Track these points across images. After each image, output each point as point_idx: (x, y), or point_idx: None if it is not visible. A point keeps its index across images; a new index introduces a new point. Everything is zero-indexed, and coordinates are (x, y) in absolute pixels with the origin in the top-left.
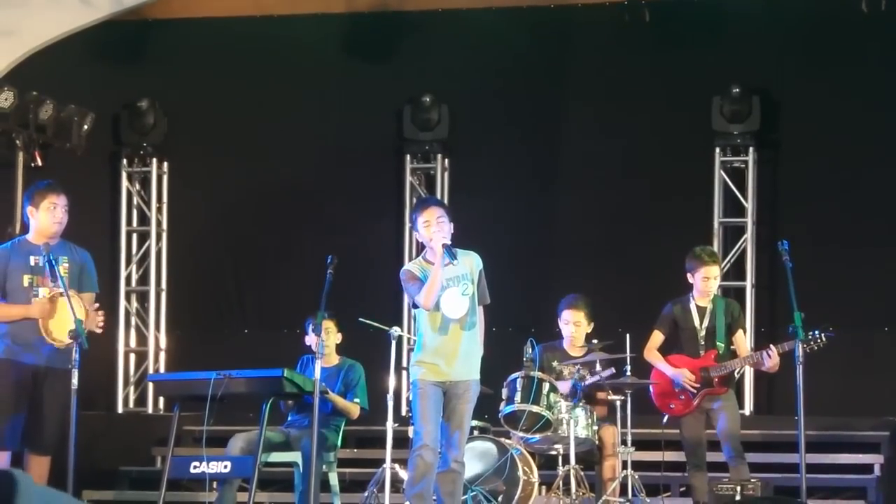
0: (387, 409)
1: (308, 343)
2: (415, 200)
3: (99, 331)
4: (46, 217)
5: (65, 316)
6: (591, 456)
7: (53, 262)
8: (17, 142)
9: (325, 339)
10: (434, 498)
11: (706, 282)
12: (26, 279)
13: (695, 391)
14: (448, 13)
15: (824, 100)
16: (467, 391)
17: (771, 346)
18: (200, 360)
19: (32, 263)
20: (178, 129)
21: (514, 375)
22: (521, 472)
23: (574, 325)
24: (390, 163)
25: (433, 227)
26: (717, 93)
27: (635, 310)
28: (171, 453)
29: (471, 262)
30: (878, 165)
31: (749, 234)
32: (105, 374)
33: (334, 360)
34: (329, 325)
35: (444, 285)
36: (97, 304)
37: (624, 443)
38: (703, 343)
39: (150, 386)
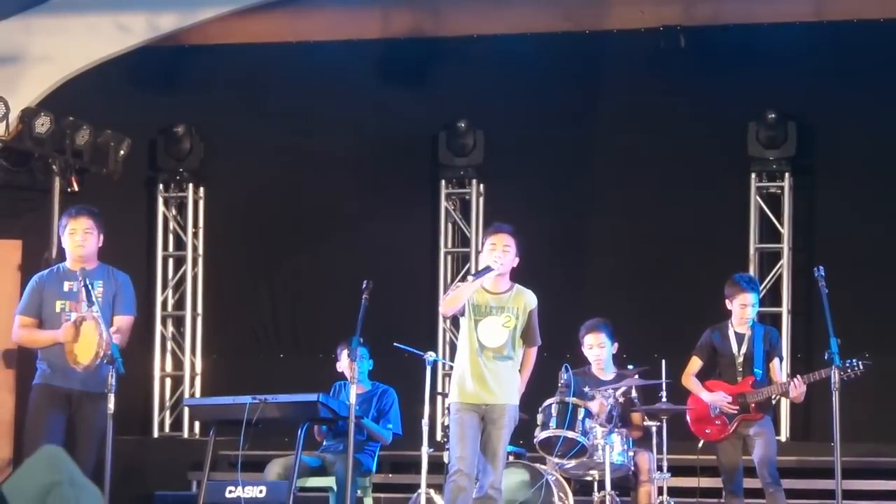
0: (422, 433)
1: (340, 369)
2: (450, 226)
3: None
4: (68, 243)
5: (89, 339)
6: (626, 482)
7: (90, 287)
8: (54, 167)
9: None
10: None
11: (743, 309)
12: (58, 305)
13: (734, 413)
14: (483, 39)
15: (861, 125)
16: (503, 416)
17: (798, 375)
18: (236, 385)
19: (66, 289)
20: (214, 155)
21: (549, 401)
22: (556, 498)
23: (598, 347)
24: (425, 188)
25: (496, 252)
26: (752, 118)
27: (671, 336)
28: (207, 478)
29: (522, 299)
30: None
31: (785, 260)
32: (141, 399)
33: (366, 385)
34: (360, 352)
35: (487, 312)
36: (115, 328)
37: (660, 469)
38: (740, 370)
39: (186, 410)
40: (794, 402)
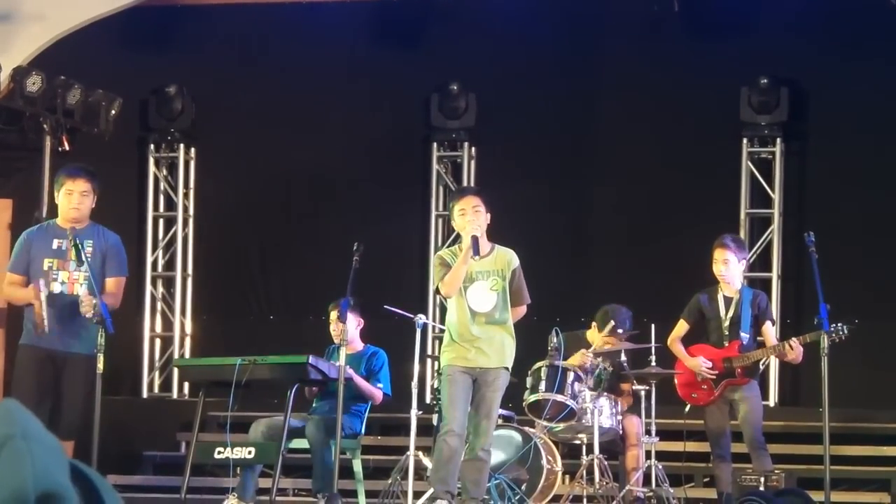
0: (411, 396)
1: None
2: (441, 189)
3: (88, 315)
4: (63, 202)
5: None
6: (614, 445)
7: (81, 246)
8: (45, 126)
9: (345, 328)
10: (459, 485)
11: (716, 265)
12: (46, 263)
13: (714, 377)
14: (476, 1)
15: (852, 91)
16: (497, 379)
17: (794, 337)
18: (225, 346)
19: (55, 247)
20: (205, 115)
21: (538, 364)
22: (544, 461)
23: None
24: (417, 151)
25: (468, 216)
26: (745, 83)
27: (661, 300)
28: (196, 438)
29: (504, 259)
30: None
31: (776, 226)
32: (130, 359)
33: (358, 346)
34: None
35: (473, 278)
36: (108, 290)
37: (648, 433)
38: (727, 333)
39: (176, 371)
40: (787, 364)
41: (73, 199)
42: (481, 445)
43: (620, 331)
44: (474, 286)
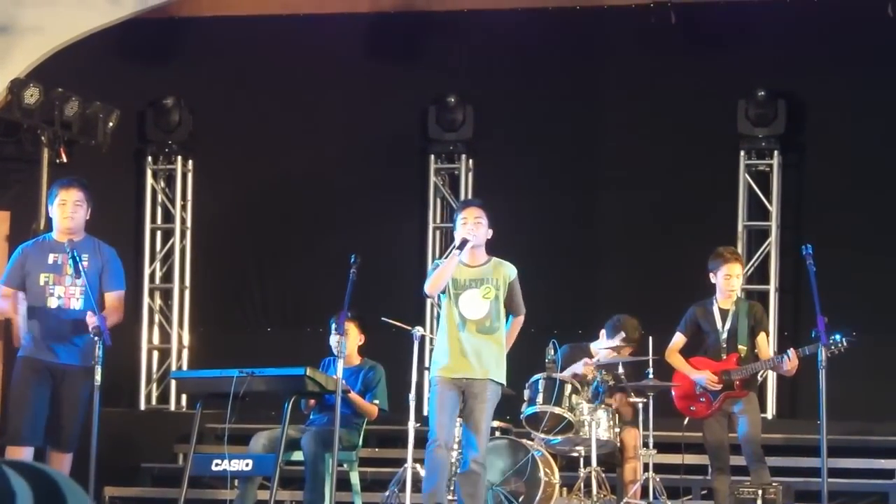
0: (408, 408)
1: (330, 343)
2: (439, 201)
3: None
4: (57, 213)
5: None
6: (612, 458)
7: (78, 258)
8: (43, 138)
9: (345, 340)
10: (454, 498)
11: (728, 280)
12: (42, 278)
13: (717, 391)
14: (474, 14)
15: (850, 103)
16: (483, 391)
17: (791, 348)
18: (223, 358)
19: (50, 262)
20: (203, 127)
21: (536, 377)
22: (542, 474)
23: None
24: (415, 163)
25: (468, 226)
26: (742, 96)
27: (658, 312)
28: (193, 451)
29: (500, 270)
30: None
31: (773, 238)
32: (128, 372)
33: (356, 360)
34: (350, 327)
35: (465, 285)
36: (108, 306)
37: (645, 445)
38: (724, 346)
39: (173, 383)
40: (784, 377)
41: (66, 209)
42: (474, 458)
43: (623, 342)
44: (466, 294)
